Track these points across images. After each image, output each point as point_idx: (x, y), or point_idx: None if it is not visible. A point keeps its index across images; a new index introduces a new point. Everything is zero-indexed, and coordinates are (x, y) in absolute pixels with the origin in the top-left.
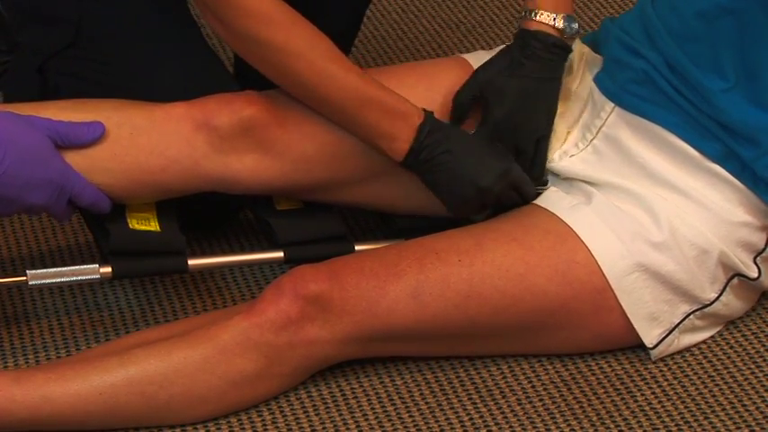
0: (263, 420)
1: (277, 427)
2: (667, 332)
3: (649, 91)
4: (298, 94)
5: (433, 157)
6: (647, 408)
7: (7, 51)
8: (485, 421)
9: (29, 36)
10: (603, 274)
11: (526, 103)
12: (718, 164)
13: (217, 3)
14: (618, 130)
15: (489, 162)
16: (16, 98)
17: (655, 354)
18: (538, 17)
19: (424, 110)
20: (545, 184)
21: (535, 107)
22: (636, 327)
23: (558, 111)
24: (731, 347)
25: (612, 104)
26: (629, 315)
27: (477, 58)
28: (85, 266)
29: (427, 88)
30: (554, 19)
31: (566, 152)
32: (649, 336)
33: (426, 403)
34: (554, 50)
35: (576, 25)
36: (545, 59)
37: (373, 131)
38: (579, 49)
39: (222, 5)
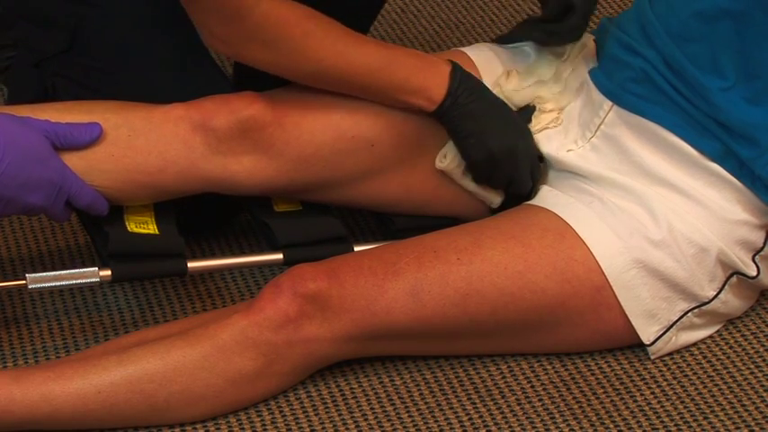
0: (262, 420)
1: (277, 428)
2: (665, 329)
3: (648, 90)
4: (324, 83)
5: (469, 102)
6: (646, 408)
7: (12, 46)
8: (484, 421)
9: (24, 33)
10: (602, 271)
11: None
12: (717, 163)
13: (235, 19)
14: (616, 129)
15: (516, 119)
16: (19, 93)
17: (652, 351)
18: None
19: (450, 60)
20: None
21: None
22: (633, 323)
23: (549, 88)
24: (731, 347)
25: (611, 103)
26: (626, 312)
27: (477, 52)
28: (85, 270)
29: None
30: None
31: (563, 146)
32: (647, 333)
33: (426, 403)
34: None
35: None
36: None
37: (405, 89)
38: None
39: (234, 25)
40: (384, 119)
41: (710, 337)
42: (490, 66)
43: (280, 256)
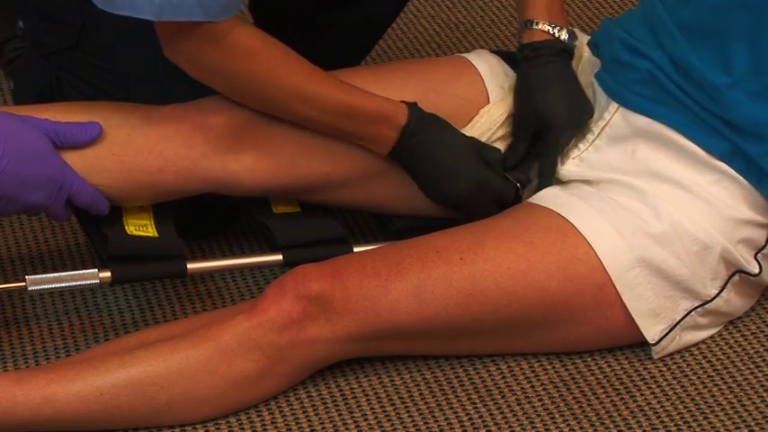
0: (262, 420)
1: (277, 428)
2: (669, 328)
3: (654, 91)
4: (279, 116)
5: (416, 155)
6: (646, 408)
7: (21, 38)
8: (484, 421)
9: (32, 26)
10: (605, 270)
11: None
12: (725, 161)
13: (200, 45)
14: (622, 130)
15: (467, 169)
16: (25, 85)
17: (657, 350)
18: (539, 26)
19: (410, 105)
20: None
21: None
22: (638, 323)
23: None
24: (731, 347)
25: (617, 105)
26: (630, 311)
27: (476, 57)
28: (85, 271)
29: (418, 84)
30: (557, 31)
31: (565, 154)
32: (652, 332)
33: (426, 403)
34: (562, 55)
35: (576, 42)
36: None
37: (357, 137)
38: (579, 48)
39: (205, 48)
40: None
41: (710, 337)
42: (493, 73)
43: (279, 257)
